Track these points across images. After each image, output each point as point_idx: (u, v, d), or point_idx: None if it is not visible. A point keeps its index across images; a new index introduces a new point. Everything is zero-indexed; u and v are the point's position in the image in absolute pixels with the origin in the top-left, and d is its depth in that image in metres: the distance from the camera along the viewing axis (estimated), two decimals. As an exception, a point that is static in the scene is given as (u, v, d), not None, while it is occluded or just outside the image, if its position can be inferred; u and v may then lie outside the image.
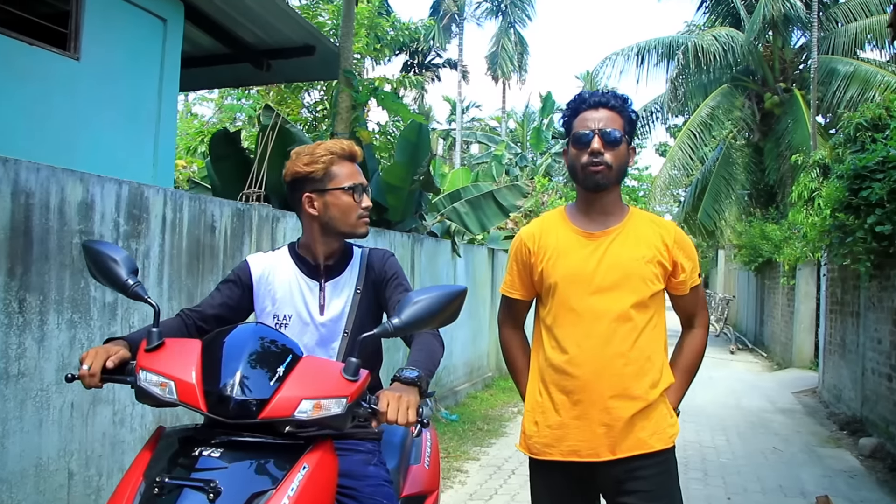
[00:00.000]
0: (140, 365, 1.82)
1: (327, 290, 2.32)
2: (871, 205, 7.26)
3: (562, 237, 2.41)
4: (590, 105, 2.39)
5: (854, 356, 8.85)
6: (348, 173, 2.30)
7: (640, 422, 2.30)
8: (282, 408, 1.74)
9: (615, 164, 2.34)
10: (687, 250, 2.44)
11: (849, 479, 6.26)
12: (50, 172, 3.30)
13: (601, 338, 2.30)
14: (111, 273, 1.97)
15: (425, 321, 1.87)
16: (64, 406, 3.38)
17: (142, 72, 5.47)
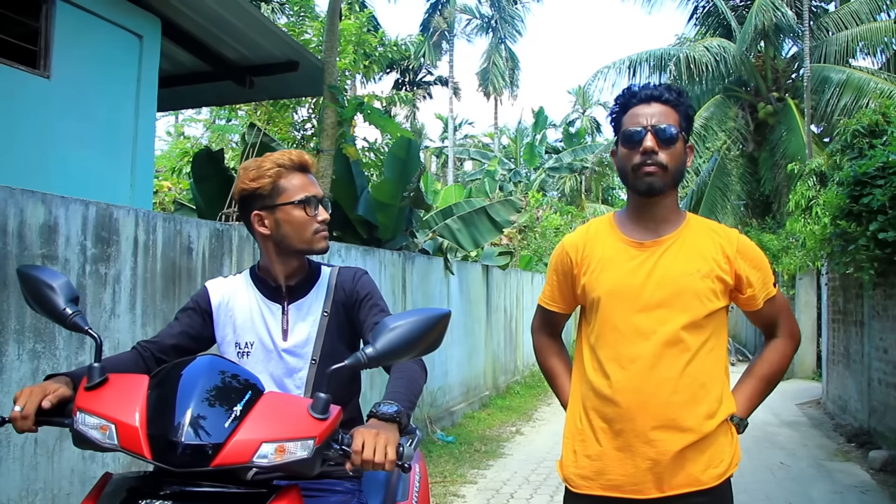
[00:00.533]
0: (78, 405, 1.61)
1: (290, 314, 2.11)
2: (872, 211, 7.08)
3: (608, 247, 2.16)
4: (641, 99, 2.12)
5: (859, 366, 8.65)
6: (299, 185, 2.07)
7: (691, 455, 2.02)
8: (238, 453, 1.51)
9: (671, 164, 2.07)
10: (754, 260, 2.13)
11: (861, 494, 6.03)
12: (7, 193, 3.10)
13: (647, 361, 2.04)
14: (47, 301, 1.76)
15: (403, 350, 1.64)
16: (27, 443, 3.15)
17: (117, 90, 5.28)
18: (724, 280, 2.08)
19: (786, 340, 2.21)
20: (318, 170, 6.55)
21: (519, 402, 10.78)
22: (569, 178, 36.29)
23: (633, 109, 2.11)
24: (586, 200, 36.89)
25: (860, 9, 17.87)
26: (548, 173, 32.74)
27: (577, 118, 42.20)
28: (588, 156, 30.37)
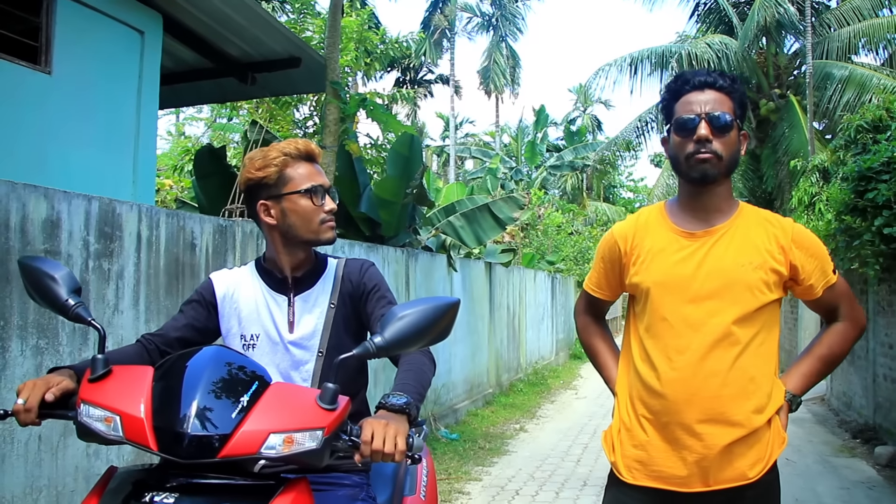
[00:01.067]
0: (82, 397, 1.59)
1: (297, 305, 2.08)
2: (877, 206, 7.06)
3: (659, 237, 2.14)
4: (694, 86, 2.09)
5: (864, 362, 8.62)
6: (306, 174, 2.04)
7: (739, 450, 2.00)
8: (246, 444, 1.49)
9: (725, 152, 2.04)
10: (810, 249, 2.09)
11: (867, 490, 6.00)
12: (10, 188, 3.08)
13: (696, 354, 2.02)
14: (49, 292, 1.74)
15: (413, 339, 1.62)
16: (30, 439, 3.13)
17: (119, 86, 5.26)
18: (779, 271, 2.05)
19: (847, 324, 2.16)
20: (322, 165, 6.53)
21: (522, 400, 10.75)
22: (570, 176, 36.27)
23: (686, 97, 2.08)
24: (588, 198, 36.88)
25: (862, 5, 17.79)
26: (549, 171, 32.70)
27: (579, 116, 42.17)
28: (589, 154, 30.34)
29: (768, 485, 2.06)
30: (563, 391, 12.40)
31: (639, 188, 43.48)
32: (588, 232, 24.73)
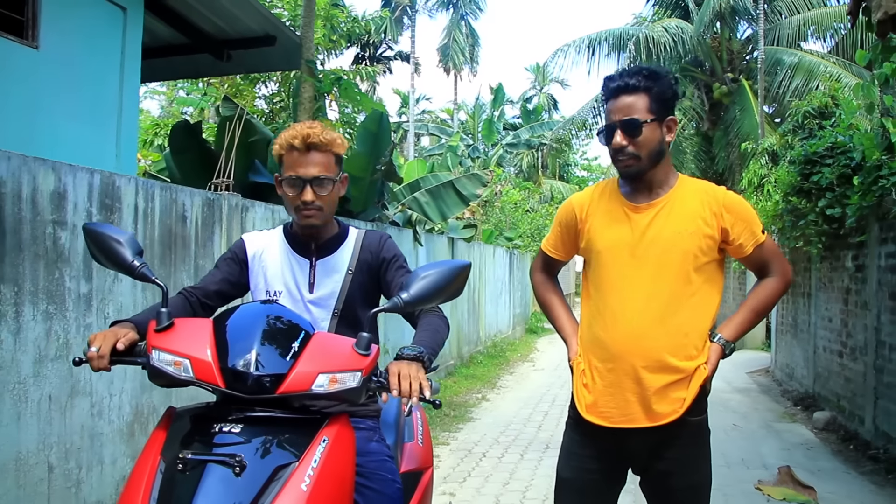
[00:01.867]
0: (152, 345, 1.82)
1: (318, 269, 2.33)
2: (821, 189, 7.52)
3: (610, 208, 2.43)
4: (610, 94, 2.34)
5: (806, 335, 9.15)
6: (291, 164, 2.24)
7: (674, 392, 2.31)
8: (299, 382, 1.75)
9: (643, 151, 2.30)
10: (739, 213, 2.37)
11: (806, 450, 6.49)
12: (21, 161, 3.24)
13: (637, 311, 2.32)
14: (116, 255, 1.95)
15: (433, 295, 1.91)
16: (42, 399, 3.32)
17: (102, 61, 5.36)
18: (712, 236, 2.33)
19: (776, 279, 2.44)
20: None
21: (482, 371, 11.10)
22: (526, 155, 36.65)
23: (609, 104, 2.35)
24: (543, 176, 37.36)
25: (812, -7, 18.44)
26: (505, 149, 32.98)
27: (535, 95, 42.49)
28: (545, 132, 30.71)
29: (699, 425, 2.41)
30: (521, 363, 12.80)
31: (592, 167, 44.10)
32: (545, 209, 25.14)
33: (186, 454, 1.64)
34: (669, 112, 2.36)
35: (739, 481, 5.42)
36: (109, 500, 3.72)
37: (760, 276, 2.48)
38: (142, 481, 1.67)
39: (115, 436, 3.78)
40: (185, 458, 1.64)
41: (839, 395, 7.66)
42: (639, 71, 2.35)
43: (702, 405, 2.38)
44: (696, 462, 2.40)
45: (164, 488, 1.64)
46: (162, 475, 1.66)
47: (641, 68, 2.39)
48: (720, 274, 2.41)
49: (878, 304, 6.55)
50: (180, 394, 4.27)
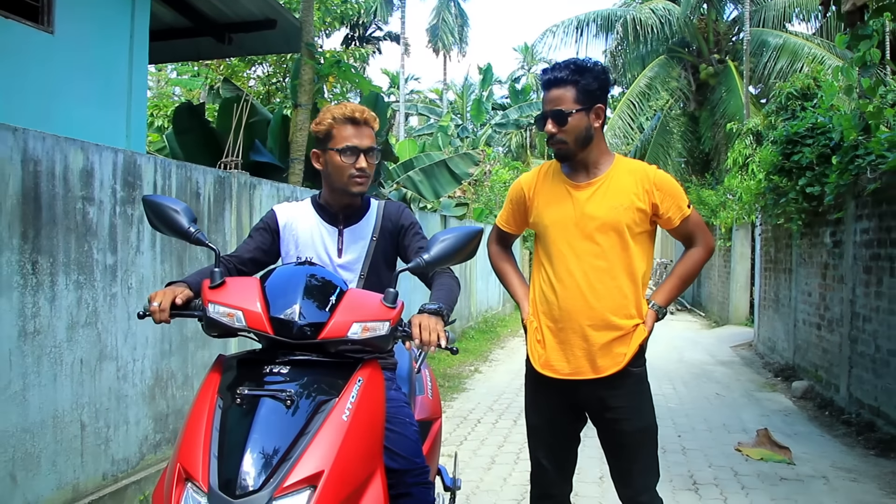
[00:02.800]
0: (208, 299, 2.08)
1: (345, 236, 2.58)
2: (802, 168, 7.82)
3: (554, 186, 2.74)
4: (544, 86, 2.67)
5: (787, 309, 9.50)
6: (345, 136, 2.49)
7: (616, 347, 2.63)
8: (338, 329, 2.02)
9: (570, 137, 2.61)
10: (666, 189, 2.67)
11: (784, 416, 6.84)
12: (54, 141, 3.47)
13: (581, 276, 2.64)
14: (174, 223, 2.19)
15: (451, 256, 2.20)
16: (74, 362, 3.58)
17: (112, 44, 5.57)
18: (643, 210, 2.64)
19: (701, 248, 2.77)
20: (297, 123, 6.93)
21: (474, 346, 11.40)
22: (515, 134, 36.83)
23: (543, 95, 2.67)
24: (531, 156, 37.55)
25: (797, -25, 18.66)
26: (494, 129, 33.15)
27: (523, 75, 42.60)
28: (533, 112, 30.90)
29: (640, 376, 2.72)
30: (511, 338, 13.12)
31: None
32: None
33: (243, 390, 1.91)
34: (597, 101, 2.64)
35: (721, 444, 5.76)
36: (134, 457, 4.00)
37: (687, 246, 2.81)
38: (203, 414, 1.92)
39: (139, 398, 4.05)
40: (243, 394, 1.90)
41: (817, 365, 8.01)
42: (567, 65, 2.64)
43: (641, 359, 2.72)
44: (640, 408, 2.72)
45: (224, 419, 1.90)
46: (221, 409, 1.92)
47: (570, 62, 2.65)
48: (651, 244, 2.75)
49: (854, 278, 6.88)
50: (195, 359, 4.54)
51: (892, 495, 4.64)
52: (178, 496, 1.80)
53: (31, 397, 3.30)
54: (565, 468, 2.87)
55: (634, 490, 2.76)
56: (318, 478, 1.78)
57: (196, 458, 1.83)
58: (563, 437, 2.83)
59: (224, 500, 1.73)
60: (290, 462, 1.80)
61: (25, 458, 3.27)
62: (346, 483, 1.86)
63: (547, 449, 2.83)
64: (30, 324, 3.31)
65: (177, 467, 1.84)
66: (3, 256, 3.16)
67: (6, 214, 3.18)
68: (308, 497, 1.76)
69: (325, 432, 1.87)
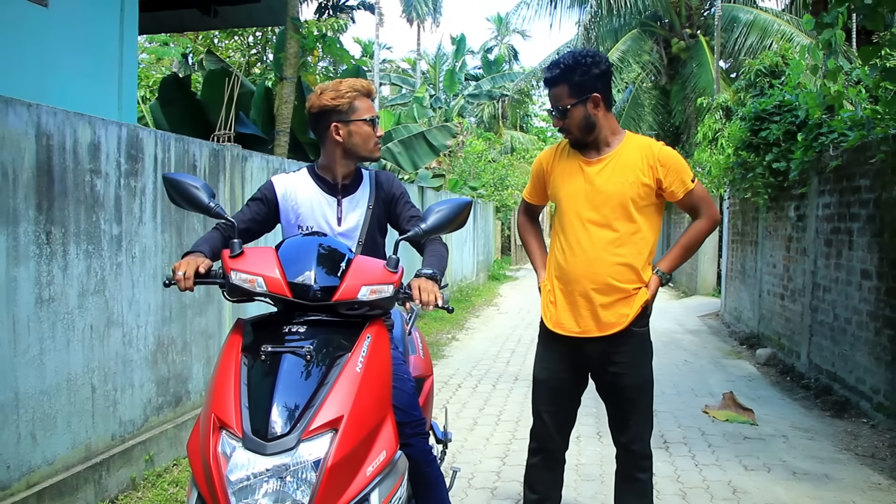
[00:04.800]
0: (230, 268, 2.28)
1: (344, 205, 2.77)
2: (769, 144, 8.14)
3: (569, 162, 3.05)
4: (545, 84, 2.99)
5: (753, 280, 9.89)
6: (367, 107, 2.73)
7: (620, 308, 2.93)
8: (349, 292, 2.25)
9: (573, 125, 2.94)
10: (669, 165, 2.93)
11: (748, 381, 7.23)
12: (64, 116, 3.62)
13: (589, 244, 2.94)
14: (194, 198, 2.37)
15: (445, 225, 2.45)
16: (85, 328, 3.76)
17: (104, 17, 5.64)
18: (648, 185, 2.92)
19: (705, 220, 3.04)
20: (283, 96, 7.06)
21: (450, 315, 11.68)
22: (487, 105, 36.99)
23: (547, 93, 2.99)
24: (503, 127, 37.76)
25: (768, -49, 18.91)
26: (467, 100, 33.24)
27: (496, 46, 42.59)
28: (506, 83, 31.02)
29: (642, 335, 3.01)
30: (486, 307, 13.43)
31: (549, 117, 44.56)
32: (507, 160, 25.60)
33: (267, 348, 2.12)
34: (591, 91, 2.92)
35: (688, 406, 6.11)
36: (139, 419, 4.20)
37: (693, 217, 3.07)
38: (230, 370, 2.13)
39: (143, 363, 4.24)
40: (266, 351, 2.12)
41: (780, 333, 8.41)
42: (558, 64, 2.93)
43: (644, 320, 3.02)
44: (640, 364, 3.02)
45: (251, 374, 2.12)
46: (246, 365, 2.14)
47: (559, 62, 2.94)
48: (658, 216, 3.03)
49: (815, 251, 7.24)
50: (193, 326, 4.74)
51: (843, 451, 5.01)
52: (216, 442, 1.99)
53: (48, 361, 3.49)
54: (564, 425, 3.18)
55: (629, 438, 3.09)
56: (339, 422, 2.01)
57: (229, 408, 2.03)
58: (566, 393, 3.13)
59: (258, 443, 1.95)
60: (314, 409, 2.02)
61: (44, 418, 3.46)
62: (362, 426, 2.09)
63: (549, 404, 3.14)
64: (45, 291, 3.48)
65: (211, 417, 2.04)
66: (20, 227, 3.32)
67: (23, 187, 3.34)
68: (331, 438, 1.99)
69: (341, 382, 2.09)
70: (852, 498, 4.16)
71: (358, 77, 8.65)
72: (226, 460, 1.96)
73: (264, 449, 1.94)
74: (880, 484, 4.40)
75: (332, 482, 1.97)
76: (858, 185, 6.24)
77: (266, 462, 1.93)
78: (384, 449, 2.17)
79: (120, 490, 3.97)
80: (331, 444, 1.98)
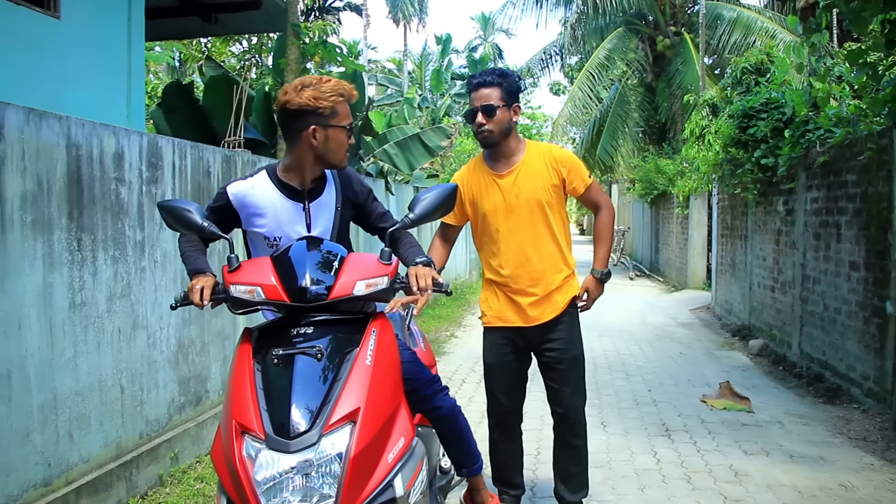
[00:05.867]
0: (229, 282, 2.37)
1: (312, 210, 2.67)
2: (757, 141, 8.36)
3: (482, 179, 3.41)
4: (473, 87, 3.33)
5: (743, 273, 10.12)
6: (346, 113, 2.59)
7: (552, 297, 3.40)
8: (344, 289, 2.33)
9: (496, 127, 3.29)
10: (568, 164, 3.38)
11: (742, 372, 7.45)
12: (91, 127, 3.76)
13: (519, 248, 3.37)
14: (189, 221, 2.41)
15: (433, 212, 2.55)
16: (113, 330, 3.90)
17: (113, 27, 5.78)
18: (556, 185, 3.36)
19: (605, 211, 3.50)
20: (285, 101, 7.19)
21: (447, 312, 11.85)
22: (474, 104, 37.13)
23: (472, 94, 3.33)
24: (490, 126, 37.90)
25: (750, -52, 19.19)
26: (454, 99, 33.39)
27: (480, 44, 42.79)
28: (493, 82, 31.19)
29: (572, 315, 3.47)
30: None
31: (536, 115, 44.82)
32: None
33: (278, 351, 2.22)
34: (515, 100, 3.34)
35: (687, 396, 6.31)
36: (164, 418, 4.35)
37: (595, 211, 3.49)
38: (245, 376, 2.22)
39: (166, 363, 4.39)
40: (279, 354, 2.21)
41: (771, 325, 8.64)
42: (493, 71, 3.35)
43: (573, 304, 3.47)
44: (573, 340, 3.47)
45: (266, 377, 2.21)
46: (260, 371, 2.23)
47: (495, 70, 3.38)
48: (564, 208, 3.48)
49: (804, 244, 7.47)
50: (210, 327, 4.89)
51: (837, 435, 5.23)
52: (239, 447, 2.08)
53: (81, 363, 3.63)
54: (516, 400, 3.60)
55: (566, 408, 3.50)
56: (356, 414, 2.11)
57: (248, 413, 2.12)
58: (514, 372, 3.55)
59: (281, 442, 2.04)
60: (331, 404, 2.12)
61: (79, 418, 3.61)
62: (379, 415, 2.20)
63: (500, 383, 3.55)
64: (77, 296, 3.62)
65: (232, 424, 2.12)
66: (54, 235, 3.46)
67: (56, 196, 3.48)
68: (350, 430, 2.09)
69: (354, 376, 2.19)
70: (847, 478, 4.37)
71: (355, 81, 8.85)
72: (251, 462, 2.04)
73: (288, 447, 2.03)
74: (873, 465, 4.61)
75: (356, 472, 2.07)
76: (845, 179, 6.47)
77: (291, 459, 2.02)
78: (402, 436, 2.28)
79: (149, 486, 4.12)
80: (351, 436, 2.07)
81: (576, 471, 3.59)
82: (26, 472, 3.25)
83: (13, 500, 3.17)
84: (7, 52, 4.98)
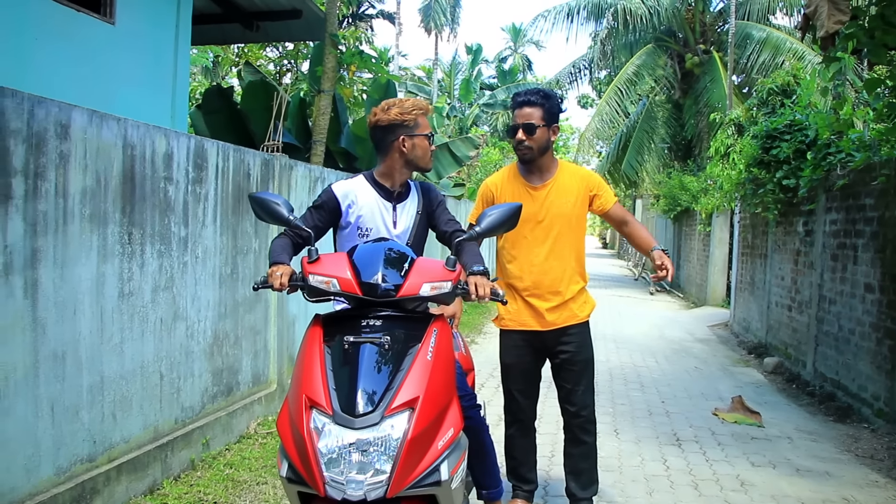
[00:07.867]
0: (308, 272, 2.62)
1: (398, 211, 3.13)
2: (779, 161, 8.50)
3: (515, 188, 3.66)
4: (517, 105, 3.59)
5: (761, 292, 10.23)
6: (426, 124, 3.11)
7: (570, 304, 3.67)
8: (412, 289, 2.56)
9: (535, 145, 3.55)
10: (596, 186, 3.69)
11: (755, 388, 7.58)
12: (146, 129, 4.03)
13: (540, 255, 3.62)
14: (276, 213, 2.70)
15: (498, 227, 2.79)
16: (156, 320, 4.16)
17: (161, 32, 6.08)
18: (583, 202, 3.65)
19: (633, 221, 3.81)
20: (320, 108, 7.47)
21: (467, 319, 12.05)
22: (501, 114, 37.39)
23: (516, 111, 3.60)
24: (517, 137, 38.10)
25: (782, -31, 19.27)
26: (482, 109, 33.68)
27: (510, 55, 43.02)
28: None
29: (584, 326, 3.73)
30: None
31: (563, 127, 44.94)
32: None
33: (348, 338, 2.45)
34: (555, 121, 3.62)
35: (699, 409, 6.47)
36: (197, 405, 4.60)
37: (621, 225, 3.77)
38: (316, 357, 2.44)
39: (202, 354, 4.64)
40: (349, 341, 2.44)
41: (787, 343, 8.76)
42: (537, 91, 3.61)
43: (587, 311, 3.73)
44: (585, 345, 3.72)
45: (335, 360, 2.44)
46: (330, 355, 2.45)
47: (539, 90, 3.63)
48: (584, 228, 3.77)
49: (822, 264, 7.59)
50: (244, 322, 5.13)
51: (844, 452, 5.37)
52: (308, 419, 2.29)
53: (126, 349, 3.88)
54: (531, 398, 3.83)
55: (578, 406, 3.74)
56: (415, 402, 2.32)
57: (318, 390, 2.34)
58: (530, 372, 3.78)
59: (346, 419, 2.26)
60: (393, 391, 2.33)
61: (122, 400, 3.86)
62: (434, 405, 2.41)
63: (518, 382, 3.79)
64: (126, 286, 3.88)
65: (302, 397, 2.34)
66: (108, 228, 3.72)
67: (112, 192, 3.74)
68: (409, 415, 2.30)
69: (416, 368, 2.40)
70: (851, 493, 4.51)
71: (388, 90, 9.12)
72: (317, 434, 2.25)
73: (353, 423, 2.24)
74: (878, 482, 4.75)
75: (410, 454, 2.27)
76: (863, 203, 6.60)
77: (353, 436, 2.23)
78: (452, 426, 2.48)
79: (181, 469, 4.36)
80: (409, 421, 2.28)
81: (586, 467, 3.81)
82: (75, 446, 3.50)
83: (62, 472, 3.42)
84: (67, 54, 5.27)
